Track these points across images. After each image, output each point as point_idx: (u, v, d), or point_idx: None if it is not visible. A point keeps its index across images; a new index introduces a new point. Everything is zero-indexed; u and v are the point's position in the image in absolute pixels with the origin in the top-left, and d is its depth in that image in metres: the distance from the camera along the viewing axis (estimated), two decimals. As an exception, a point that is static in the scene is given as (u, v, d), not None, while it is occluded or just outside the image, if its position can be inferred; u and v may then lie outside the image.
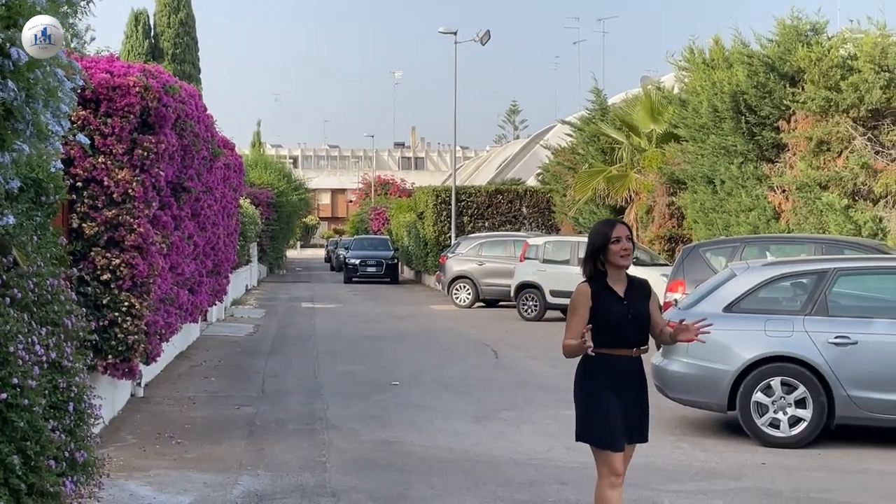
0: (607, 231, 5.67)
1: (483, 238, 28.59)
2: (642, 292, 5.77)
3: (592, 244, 5.71)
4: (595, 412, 5.69)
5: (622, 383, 5.68)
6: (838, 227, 17.21)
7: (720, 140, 20.74)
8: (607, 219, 5.74)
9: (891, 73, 17.64)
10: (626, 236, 5.65)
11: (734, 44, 21.25)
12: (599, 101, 31.07)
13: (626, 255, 5.63)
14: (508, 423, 10.61)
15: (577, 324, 5.62)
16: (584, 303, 5.65)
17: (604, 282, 5.69)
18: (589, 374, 5.75)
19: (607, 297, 5.65)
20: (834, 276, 9.86)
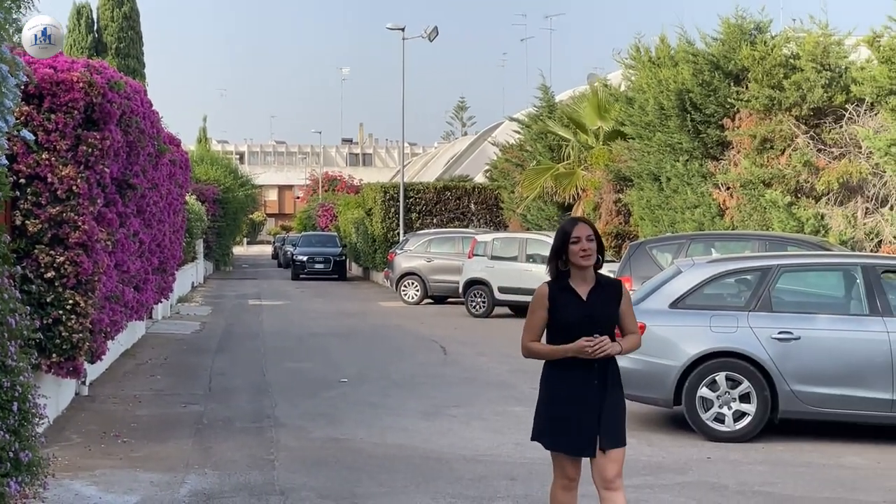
0: (568, 230, 5.50)
1: (431, 235, 28.61)
2: (611, 294, 5.56)
3: (554, 243, 5.56)
4: (546, 413, 5.61)
5: (581, 387, 5.49)
6: (781, 224, 17.46)
7: (666, 137, 20.94)
8: (572, 217, 5.53)
9: (832, 72, 17.93)
10: (587, 236, 5.46)
11: (680, 42, 21.46)
12: (547, 99, 31.23)
13: (586, 256, 5.45)
14: (457, 419, 10.64)
15: (535, 324, 5.55)
16: (541, 304, 5.53)
17: (565, 282, 5.52)
18: (548, 375, 5.63)
19: (565, 299, 5.49)
20: (777, 272, 10.01)
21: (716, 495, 7.72)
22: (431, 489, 7.80)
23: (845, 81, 17.47)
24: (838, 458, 9.02)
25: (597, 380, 5.47)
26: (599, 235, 5.52)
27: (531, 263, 22.73)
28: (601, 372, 5.50)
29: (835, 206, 17.57)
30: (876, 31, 16.26)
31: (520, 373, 14.05)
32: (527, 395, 12.23)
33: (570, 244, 5.45)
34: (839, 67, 17.96)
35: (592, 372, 5.47)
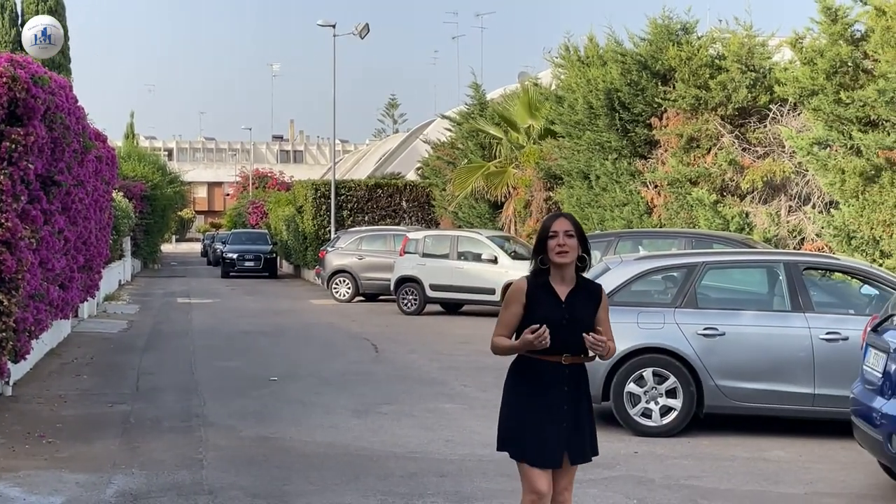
0: (547, 224, 5.17)
1: (363, 232, 28.55)
2: (590, 297, 5.20)
3: (536, 238, 5.25)
4: (511, 420, 5.23)
5: (550, 393, 5.14)
6: (707, 221, 17.75)
7: (595, 136, 21.16)
8: (556, 212, 5.15)
9: (756, 72, 18.27)
10: (566, 231, 5.10)
11: (608, 42, 21.70)
12: (478, 97, 31.35)
13: (563, 253, 5.08)
14: (388, 417, 10.65)
15: (508, 320, 5.19)
16: (517, 299, 5.18)
17: (544, 279, 5.17)
18: (514, 379, 5.27)
19: (543, 297, 5.15)
20: (703, 269, 10.18)
21: (642, 489, 7.83)
22: (362, 486, 7.81)
23: (769, 82, 17.82)
24: (762, 451, 9.20)
25: (567, 386, 5.15)
26: (584, 233, 5.20)
27: (463, 261, 22.81)
28: (572, 379, 5.17)
29: (759, 205, 17.91)
30: (798, 33, 16.61)
31: (451, 370, 14.10)
32: (458, 392, 12.29)
33: (548, 238, 5.13)
34: (763, 68, 18.32)
35: (562, 377, 5.14)
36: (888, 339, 7.47)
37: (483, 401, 11.62)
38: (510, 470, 8.31)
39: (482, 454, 8.89)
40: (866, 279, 10.25)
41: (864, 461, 8.45)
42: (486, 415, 10.77)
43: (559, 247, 5.09)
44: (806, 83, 15.60)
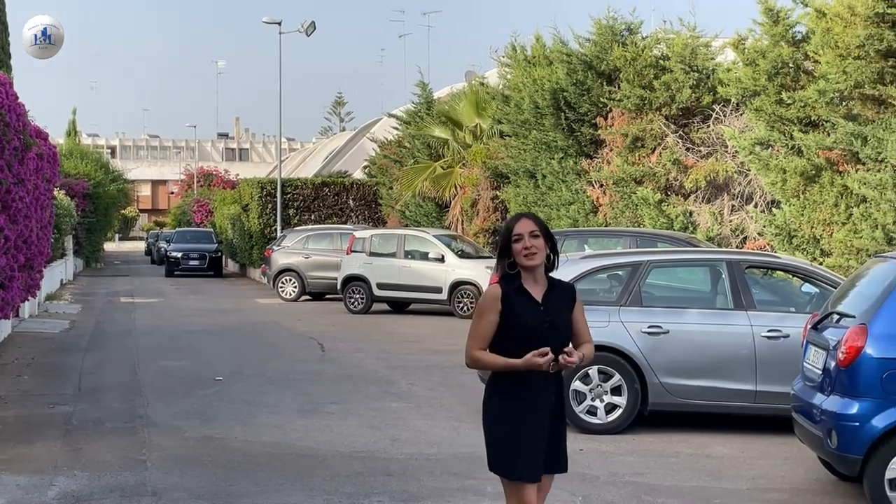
0: (510, 226, 4.92)
1: (309, 231, 28.42)
2: (564, 298, 4.98)
3: (500, 242, 4.99)
4: (504, 437, 4.89)
5: (536, 403, 4.88)
6: (652, 220, 17.92)
7: (541, 136, 21.27)
8: (517, 213, 4.89)
9: (700, 73, 18.48)
10: (531, 232, 4.85)
11: (554, 42, 21.83)
12: (425, 95, 31.36)
13: (530, 255, 4.84)
14: (334, 416, 10.62)
15: (483, 330, 4.88)
16: (492, 307, 4.86)
17: (518, 283, 4.89)
18: (498, 392, 4.93)
19: (521, 301, 4.86)
20: (647, 268, 10.27)
21: (587, 486, 7.88)
22: (307, 486, 7.77)
23: (712, 82, 18.03)
24: (705, 448, 9.31)
25: (553, 395, 4.92)
26: (550, 232, 4.96)
27: (409, 260, 22.80)
28: (557, 387, 4.94)
29: (702, 204, 18.12)
30: (741, 34, 16.83)
31: (398, 369, 14.09)
32: (405, 390, 12.29)
33: (513, 242, 4.87)
34: (706, 69, 18.54)
35: (550, 387, 4.90)
36: (828, 336, 7.60)
37: (430, 399, 11.63)
38: (457, 468, 8.35)
39: (429, 453, 8.90)
40: (807, 277, 10.41)
41: (804, 456, 8.59)
42: (433, 413, 10.79)
43: (526, 249, 4.85)
44: (748, 84, 15.80)
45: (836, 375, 7.24)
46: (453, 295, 21.82)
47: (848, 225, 14.05)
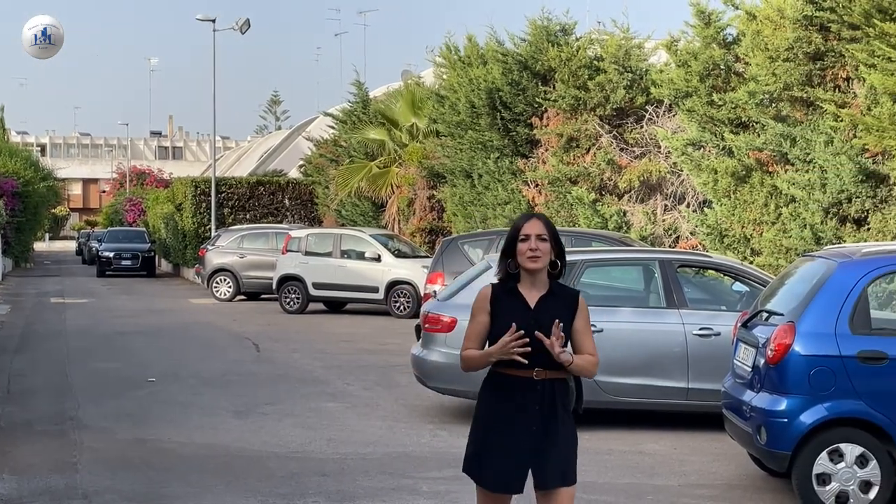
0: (518, 225, 4.70)
1: (244, 230, 28.19)
2: (565, 306, 4.70)
3: (506, 240, 4.75)
4: (474, 441, 4.74)
5: (521, 411, 4.63)
6: (587, 220, 18.07)
7: (477, 135, 21.34)
8: (526, 212, 4.63)
9: (633, 74, 18.68)
10: (538, 234, 4.63)
11: (489, 42, 21.92)
12: (361, 95, 31.28)
13: (535, 258, 4.62)
14: (270, 417, 10.55)
15: (474, 332, 4.71)
16: (482, 308, 4.70)
17: (511, 285, 4.70)
18: (483, 395, 4.76)
19: (510, 304, 4.67)
20: (581, 267, 10.35)
21: (523, 484, 7.92)
22: (242, 488, 7.71)
23: (646, 83, 18.23)
24: (638, 445, 9.41)
25: (538, 404, 4.64)
26: (559, 237, 4.72)
27: (346, 259, 22.73)
28: (547, 395, 4.67)
29: (636, 204, 18.32)
30: (673, 36, 17.05)
31: (334, 369, 14.04)
32: (340, 390, 12.25)
33: (519, 241, 4.65)
34: (640, 70, 18.74)
35: (534, 394, 4.64)
36: (757, 334, 7.73)
37: (366, 399, 11.61)
38: (392, 468, 8.35)
39: (364, 452, 8.89)
40: (737, 276, 10.58)
41: (734, 453, 8.72)
42: (369, 413, 10.78)
43: (531, 251, 4.62)
44: (680, 85, 16.01)
45: (766, 373, 7.37)
46: (390, 294, 21.80)
47: (777, 224, 14.30)
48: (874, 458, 7.04)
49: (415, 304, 20.71)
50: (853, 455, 7.05)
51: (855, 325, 7.17)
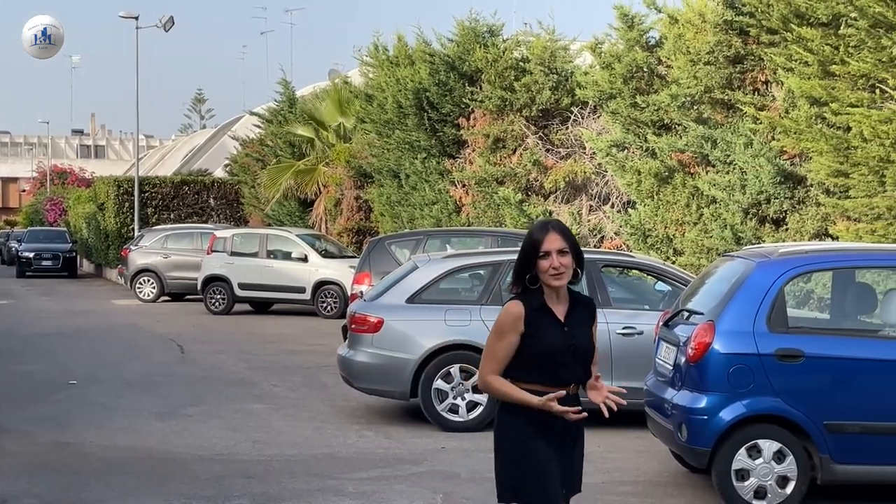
0: (537, 240, 4.37)
1: (168, 230, 27.85)
2: (586, 316, 4.54)
3: (521, 254, 4.43)
4: (520, 465, 4.47)
5: (556, 429, 4.46)
6: (514, 220, 18.20)
7: (405, 135, 21.36)
8: (543, 221, 4.50)
9: (559, 75, 18.85)
10: (559, 249, 4.34)
11: (417, 42, 21.94)
12: (288, 94, 31.09)
13: (558, 276, 4.36)
14: (194, 419, 10.45)
15: (502, 353, 4.39)
16: (514, 327, 4.37)
17: (541, 300, 4.41)
18: (515, 419, 4.46)
19: (544, 322, 4.39)
20: (508, 267, 10.40)
21: (449, 484, 7.96)
22: (165, 490, 7.63)
23: (571, 85, 18.41)
24: (563, 442, 9.50)
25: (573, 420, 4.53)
26: (578, 246, 4.46)
27: (272, 259, 22.57)
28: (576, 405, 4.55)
29: (562, 204, 18.50)
30: (598, 38, 17.26)
31: (260, 370, 13.94)
32: (266, 392, 12.17)
33: (539, 258, 4.35)
34: (565, 71, 18.92)
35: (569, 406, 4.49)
36: (678, 332, 7.85)
37: (292, 400, 11.56)
38: (318, 469, 8.33)
39: (290, 454, 8.85)
40: (660, 276, 10.75)
41: (657, 450, 8.85)
42: (295, 414, 10.73)
43: (554, 269, 4.35)
44: (604, 87, 16.21)
45: (686, 371, 7.49)
46: (317, 295, 21.70)
47: (699, 225, 14.55)
48: (791, 454, 7.20)
49: (342, 304, 20.65)
50: (771, 451, 7.21)
51: (772, 324, 7.32)
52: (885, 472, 7.32)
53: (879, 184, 11.72)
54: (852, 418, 7.20)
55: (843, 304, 8.13)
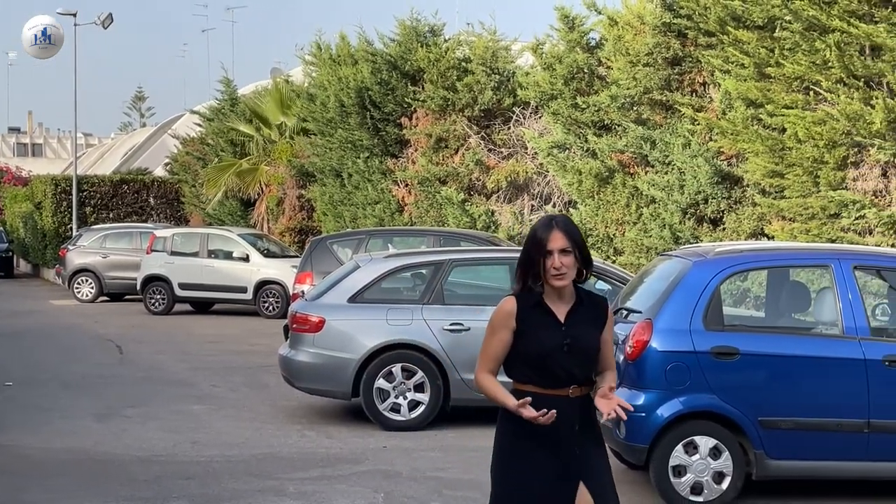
0: (541, 239, 4.19)
1: (107, 230, 27.50)
2: (594, 316, 4.32)
3: (524, 252, 4.27)
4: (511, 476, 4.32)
5: (558, 435, 4.22)
6: (456, 220, 18.25)
7: (347, 134, 21.32)
8: (548, 217, 4.29)
9: (501, 75, 18.94)
10: (562, 248, 4.17)
11: (359, 41, 21.92)
12: (229, 92, 30.86)
13: (560, 276, 4.18)
14: (133, 420, 10.35)
15: (494, 350, 4.28)
16: (505, 324, 4.24)
17: (537, 298, 4.24)
18: (510, 425, 4.30)
19: (538, 320, 4.23)
20: (449, 266, 10.47)
21: (390, 483, 7.98)
22: (103, 492, 7.56)
23: (513, 85, 18.51)
24: (504, 441, 9.55)
25: (578, 424, 4.26)
26: (583, 240, 4.28)
27: (213, 259, 22.40)
28: (583, 414, 4.28)
29: (504, 204, 18.59)
30: (539, 39, 17.38)
31: (200, 370, 13.84)
32: (206, 392, 12.09)
33: (544, 257, 4.18)
34: (507, 72, 19.02)
35: (572, 414, 4.24)
36: (617, 331, 7.92)
37: (232, 401, 11.50)
38: (258, 469, 8.30)
39: (230, 454, 8.81)
40: (599, 275, 10.84)
41: (596, 447, 8.94)
42: (236, 415, 10.67)
43: (555, 269, 4.17)
44: (546, 88, 16.32)
45: (625, 368, 7.58)
46: (258, 295, 21.58)
47: (638, 224, 14.72)
48: (727, 450, 7.33)
49: (284, 304, 20.56)
50: (707, 447, 7.33)
51: (709, 322, 7.44)
52: (818, 468, 7.47)
53: (813, 184, 11.95)
54: (786, 415, 7.34)
55: (778, 302, 8.29)
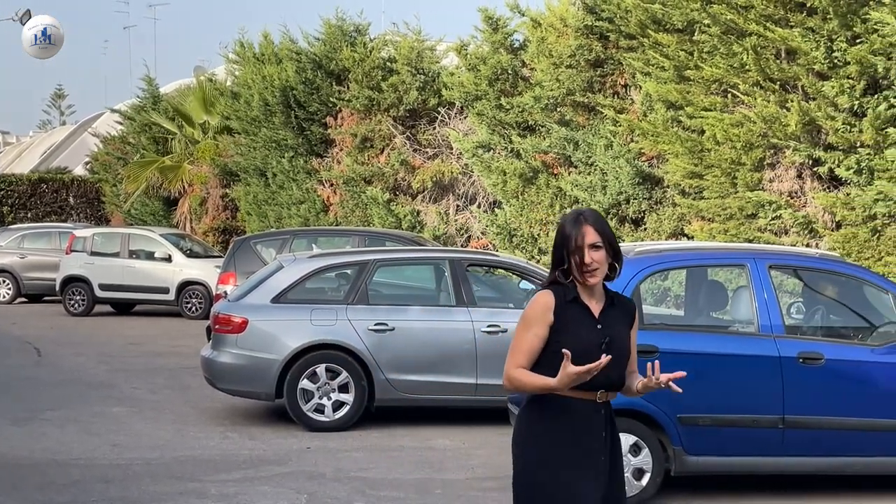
0: (570, 234, 4.00)
1: (25, 229, 26.95)
2: (624, 316, 4.15)
3: (554, 246, 4.10)
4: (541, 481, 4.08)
5: (585, 440, 4.05)
6: (381, 219, 18.25)
7: (272, 133, 21.19)
8: (577, 211, 4.10)
9: (426, 76, 19.00)
10: (592, 244, 3.98)
11: (283, 40, 21.80)
12: (151, 90, 30.47)
13: (592, 273, 4.00)
14: (52, 423, 10.16)
15: (529, 345, 4.00)
16: (543, 318, 3.99)
17: (574, 293, 4.03)
18: (535, 426, 4.11)
19: (576, 316, 4.01)
20: (374, 267, 10.46)
21: (314, 483, 7.95)
22: (20, 497, 7.41)
23: (438, 86, 18.58)
24: (428, 440, 9.59)
25: (604, 430, 4.10)
26: (613, 236, 4.07)
27: (134, 259, 22.07)
28: (608, 420, 4.13)
29: (430, 203, 18.65)
30: (463, 40, 17.47)
31: (121, 372, 13.64)
32: (127, 394, 11.92)
33: (572, 254, 4.00)
34: (432, 72, 19.09)
35: (599, 420, 4.08)
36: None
37: (153, 403, 11.35)
38: (180, 472, 8.21)
39: (151, 457, 8.70)
40: (523, 275, 10.94)
41: (520, 445, 9.01)
42: (157, 417, 10.54)
43: (585, 266, 3.98)
44: (470, 88, 16.41)
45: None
46: (181, 295, 21.32)
47: (562, 224, 14.86)
48: (646, 447, 7.44)
49: (207, 304, 20.34)
50: (627, 444, 7.41)
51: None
52: (735, 463, 7.62)
53: (731, 185, 12.19)
54: (704, 411, 7.48)
55: (697, 301, 8.44)
